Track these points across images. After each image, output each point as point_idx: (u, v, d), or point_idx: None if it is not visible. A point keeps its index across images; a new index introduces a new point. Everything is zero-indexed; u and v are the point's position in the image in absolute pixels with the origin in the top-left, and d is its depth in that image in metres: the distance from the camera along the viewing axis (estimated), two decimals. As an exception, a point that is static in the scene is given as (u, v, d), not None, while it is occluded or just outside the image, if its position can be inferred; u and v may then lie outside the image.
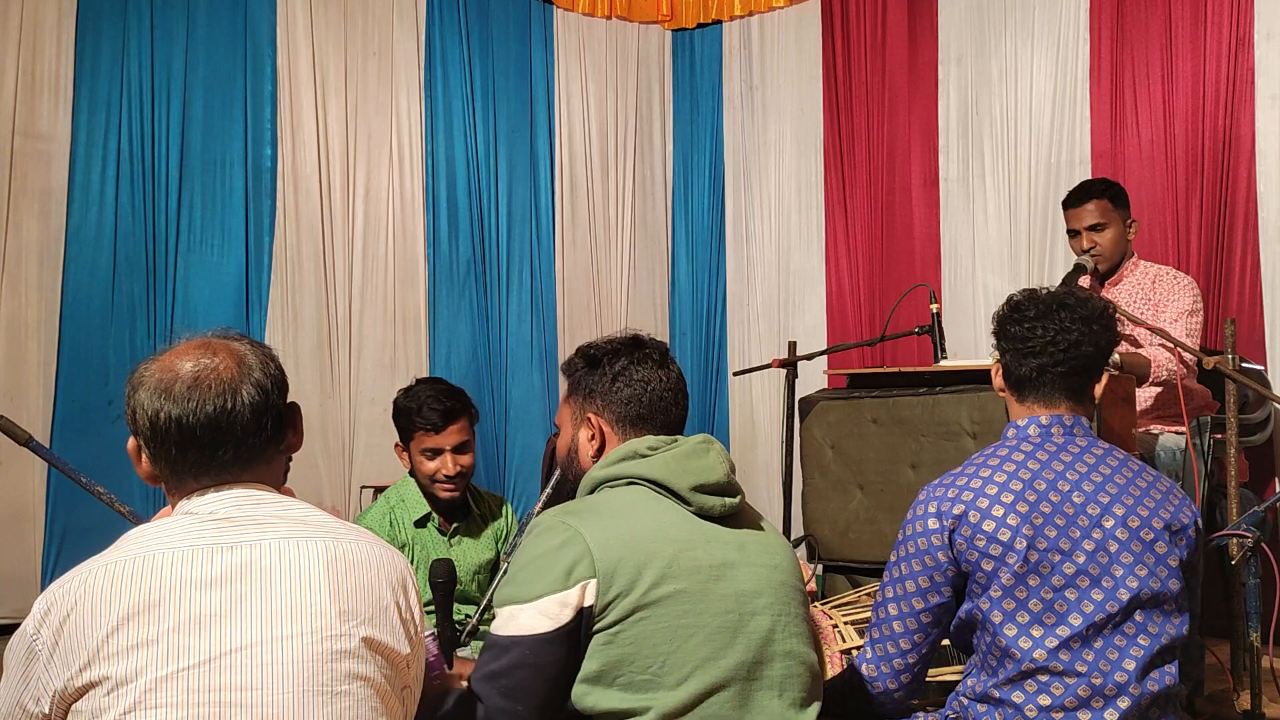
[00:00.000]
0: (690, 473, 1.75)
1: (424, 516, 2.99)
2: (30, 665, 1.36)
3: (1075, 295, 2.07)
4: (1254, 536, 2.42)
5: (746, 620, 1.70)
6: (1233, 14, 4.44)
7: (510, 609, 1.64)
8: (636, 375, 1.86)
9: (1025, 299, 2.08)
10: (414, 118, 5.43)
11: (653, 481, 1.74)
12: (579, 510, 1.72)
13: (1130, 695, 1.84)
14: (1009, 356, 2.07)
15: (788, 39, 5.98)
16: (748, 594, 1.72)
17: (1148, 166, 4.65)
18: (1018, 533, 1.88)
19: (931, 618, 1.96)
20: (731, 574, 1.71)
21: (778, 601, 1.75)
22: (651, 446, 1.78)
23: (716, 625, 1.67)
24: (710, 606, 1.67)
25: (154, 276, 4.69)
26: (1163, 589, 1.89)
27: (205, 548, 1.39)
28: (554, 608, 1.61)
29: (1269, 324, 4.33)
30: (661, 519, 1.70)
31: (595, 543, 1.63)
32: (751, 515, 1.86)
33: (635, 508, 1.71)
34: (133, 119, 4.68)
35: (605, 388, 1.86)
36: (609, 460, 1.80)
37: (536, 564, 1.65)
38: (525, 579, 1.65)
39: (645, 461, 1.76)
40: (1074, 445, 1.99)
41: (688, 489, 1.73)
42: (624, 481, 1.76)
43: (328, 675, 1.36)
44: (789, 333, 5.64)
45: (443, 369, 5.39)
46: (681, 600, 1.65)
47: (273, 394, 1.49)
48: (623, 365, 1.86)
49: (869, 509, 3.37)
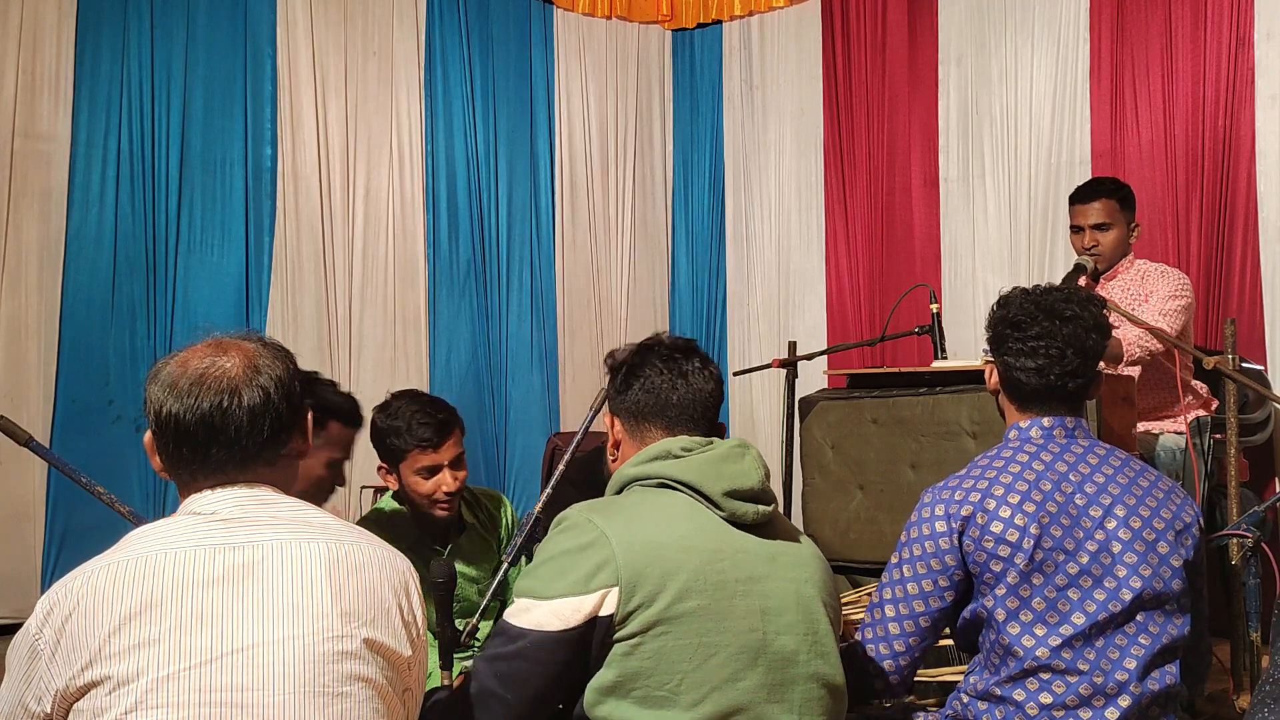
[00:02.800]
0: (724, 477, 1.69)
1: (417, 541, 2.73)
2: (32, 664, 1.36)
3: (1072, 303, 2.03)
4: (1254, 536, 2.42)
5: (770, 640, 1.66)
6: (1233, 14, 4.44)
7: (527, 601, 1.62)
8: (641, 372, 1.82)
9: (1021, 311, 2.03)
10: (414, 118, 5.43)
11: (685, 484, 1.69)
12: (607, 510, 1.67)
13: (1131, 694, 1.85)
14: (1007, 369, 2.05)
15: (788, 39, 5.98)
16: (773, 611, 1.67)
17: (1148, 166, 4.65)
18: (1025, 532, 1.88)
19: (929, 621, 1.96)
20: (759, 589, 1.67)
21: (804, 619, 1.70)
22: (685, 448, 1.73)
23: (739, 645, 1.63)
24: (734, 625, 1.63)
25: (154, 277, 4.69)
26: (1165, 589, 1.90)
27: (207, 548, 1.39)
28: (568, 610, 1.58)
29: (1269, 324, 4.33)
30: (690, 526, 1.66)
31: (620, 548, 1.60)
32: (785, 526, 1.80)
33: (664, 512, 1.67)
34: (133, 119, 4.68)
35: (616, 389, 1.85)
36: (641, 458, 1.75)
37: (560, 561, 1.62)
38: (547, 575, 1.62)
39: (678, 463, 1.71)
40: (1076, 447, 2.00)
41: (720, 494, 1.68)
42: (654, 482, 1.71)
43: (329, 676, 1.36)
44: (789, 333, 5.64)
45: (443, 369, 5.39)
46: (705, 617, 1.61)
47: (276, 399, 1.49)
48: (630, 365, 1.84)
49: (869, 509, 3.37)
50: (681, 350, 1.85)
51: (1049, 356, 1.99)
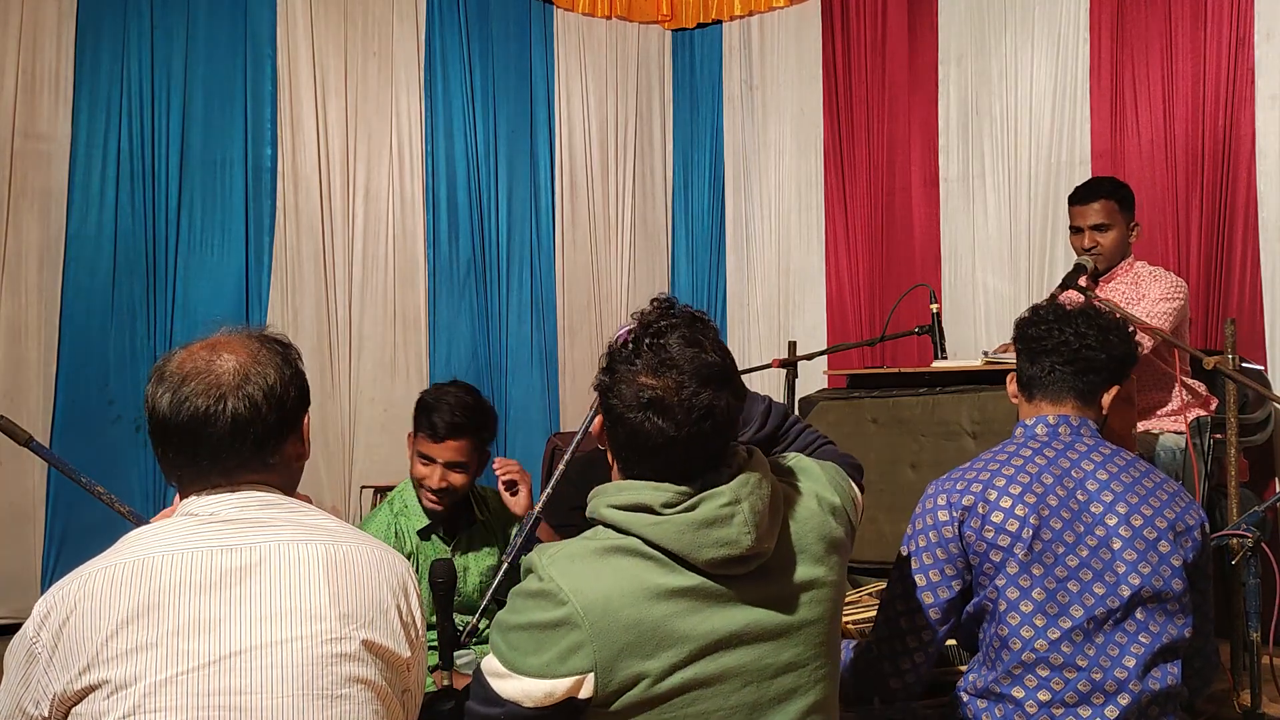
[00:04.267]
0: (704, 546, 1.50)
1: (428, 528, 2.85)
2: (30, 668, 1.35)
3: (1098, 309, 2.18)
4: (1254, 536, 2.43)
5: (766, 688, 1.55)
6: (1233, 14, 4.44)
7: (502, 668, 1.51)
8: (630, 418, 1.56)
9: (1049, 306, 2.17)
10: (414, 118, 5.44)
11: (664, 551, 1.51)
12: (579, 572, 1.51)
13: (1130, 692, 1.85)
14: (1023, 357, 2.13)
15: (788, 39, 5.98)
16: (768, 653, 1.55)
17: (1148, 166, 4.65)
18: (1025, 522, 1.91)
19: (940, 613, 1.98)
20: (753, 632, 1.54)
21: (805, 650, 1.58)
22: (667, 504, 1.52)
23: (732, 705, 1.53)
24: (724, 687, 1.52)
25: (154, 277, 4.69)
26: (1165, 588, 1.91)
27: (204, 550, 1.39)
28: (540, 693, 1.48)
29: (1269, 324, 4.33)
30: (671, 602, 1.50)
31: (595, 629, 1.46)
32: (788, 546, 1.60)
33: (641, 581, 1.51)
34: (133, 119, 4.68)
35: (604, 404, 1.65)
36: (620, 500, 1.55)
37: (531, 634, 1.49)
38: (519, 644, 1.50)
39: (656, 526, 1.51)
40: (1080, 444, 2.02)
41: (704, 563, 1.51)
42: (630, 541, 1.54)
43: (328, 679, 1.36)
44: (789, 333, 5.64)
45: (443, 369, 5.39)
46: (691, 687, 1.50)
47: (265, 409, 1.46)
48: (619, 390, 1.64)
49: (869, 509, 3.35)
50: (683, 365, 1.66)
51: (1062, 340, 2.08)
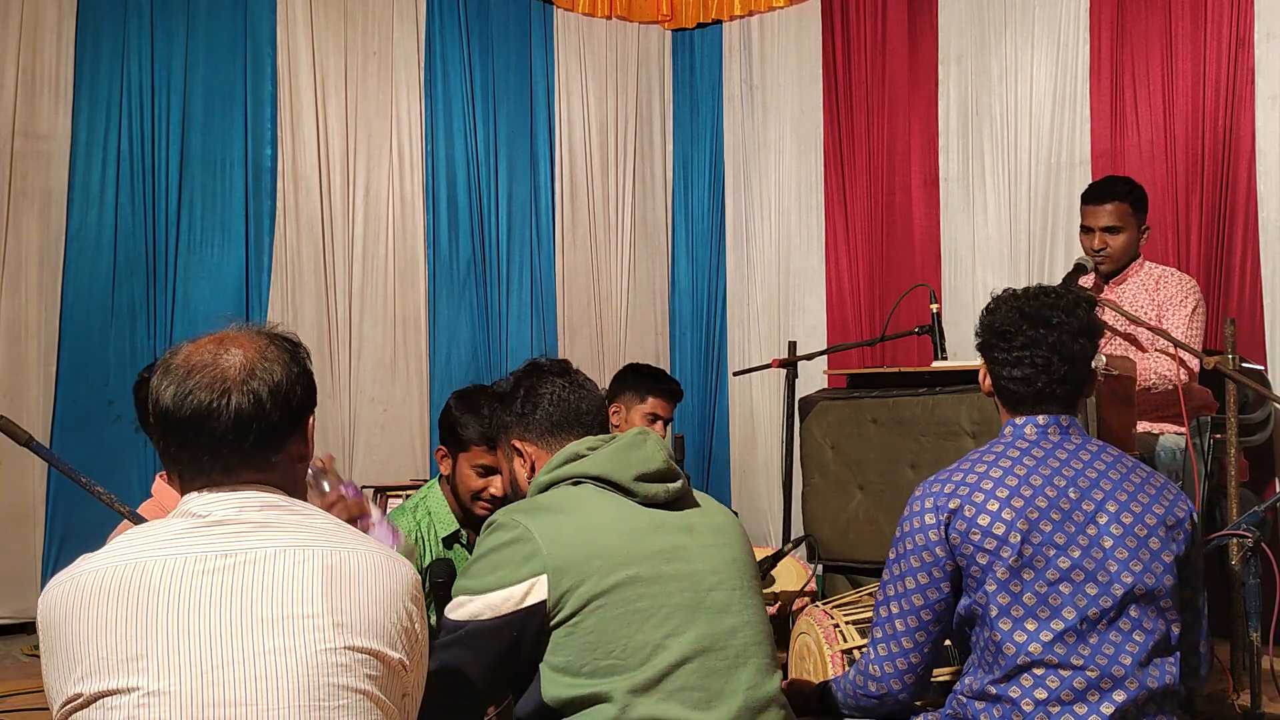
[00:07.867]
0: (631, 464, 1.84)
1: (453, 534, 2.79)
2: (48, 660, 1.36)
3: (1058, 309, 2.03)
4: (1254, 536, 2.43)
5: (703, 596, 1.79)
6: (1233, 14, 4.44)
7: (463, 597, 1.76)
8: (543, 390, 1.98)
9: (1006, 320, 2.05)
10: (414, 118, 5.44)
11: (596, 478, 1.83)
12: (530, 509, 1.81)
13: (1127, 689, 1.85)
14: (996, 377, 2.08)
15: (788, 39, 5.98)
16: (702, 573, 1.81)
17: (1148, 166, 4.64)
18: (1012, 527, 1.90)
19: (933, 615, 1.97)
20: (683, 555, 1.81)
21: (731, 577, 1.85)
22: (590, 446, 1.88)
23: (674, 604, 1.76)
24: (665, 588, 1.76)
25: (154, 276, 4.69)
26: (1157, 585, 1.90)
27: (199, 555, 1.35)
28: (499, 600, 1.72)
29: (1269, 324, 4.33)
30: (609, 512, 1.80)
31: (545, 539, 1.73)
32: (695, 498, 1.95)
33: (583, 503, 1.81)
34: (133, 119, 4.68)
35: (519, 413, 1.98)
36: (550, 466, 1.89)
37: (490, 559, 1.76)
38: (479, 571, 1.76)
39: (586, 460, 1.85)
40: (1069, 443, 2.02)
41: (630, 479, 1.83)
42: (569, 481, 1.85)
43: (325, 688, 1.33)
44: (789, 333, 5.64)
45: (443, 369, 5.39)
46: (635, 585, 1.74)
47: (269, 405, 1.43)
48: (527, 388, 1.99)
49: (869, 509, 3.36)
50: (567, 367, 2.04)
51: (1035, 365, 2.01)
